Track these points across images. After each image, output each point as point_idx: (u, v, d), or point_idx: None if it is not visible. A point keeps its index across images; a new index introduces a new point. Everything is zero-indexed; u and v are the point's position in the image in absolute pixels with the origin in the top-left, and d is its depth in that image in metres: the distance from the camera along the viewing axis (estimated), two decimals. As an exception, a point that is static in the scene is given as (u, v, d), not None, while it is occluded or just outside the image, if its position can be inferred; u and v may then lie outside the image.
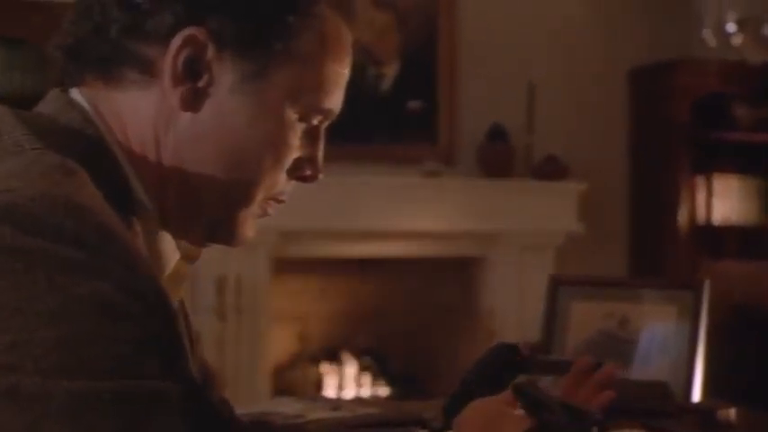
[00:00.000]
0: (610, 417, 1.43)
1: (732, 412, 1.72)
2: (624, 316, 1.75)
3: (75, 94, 1.05)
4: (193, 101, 1.05)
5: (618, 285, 1.86)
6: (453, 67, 5.87)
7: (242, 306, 5.22)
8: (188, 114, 1.06)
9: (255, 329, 5.29)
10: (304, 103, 1.15)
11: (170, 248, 1.10)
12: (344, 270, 5.83)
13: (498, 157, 5.85)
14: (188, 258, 1.16)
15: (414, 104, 5.82)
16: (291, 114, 1.14)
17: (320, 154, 1.22)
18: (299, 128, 1.19)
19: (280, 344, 5.63)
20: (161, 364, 0.89)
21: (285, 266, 5.48)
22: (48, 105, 1.04)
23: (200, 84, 1.05)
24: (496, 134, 5.86)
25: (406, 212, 5.55)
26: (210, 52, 1.04)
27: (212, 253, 5.14)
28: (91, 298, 0.84)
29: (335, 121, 1.21)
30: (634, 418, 1.62)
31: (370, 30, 5.75)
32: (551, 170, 5.90)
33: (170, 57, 1.03)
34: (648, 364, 1.72)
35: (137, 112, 1.05)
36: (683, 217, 6.08)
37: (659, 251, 6.14)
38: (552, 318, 1.77)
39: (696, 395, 1.72)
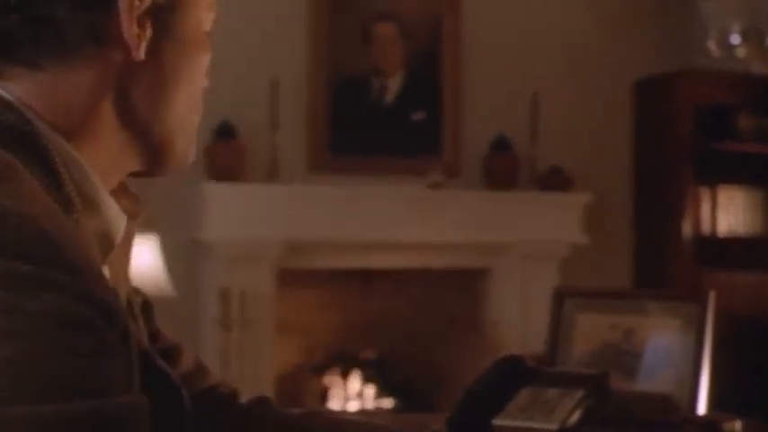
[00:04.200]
0: (613, 429, 1.43)
1: (737, 425, 1.71)
2: (629, 328, 1.75)
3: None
4: (155, 49, 1.04)
5: (622, 297, 1.86)
6: (457, 79, 5.88)
7: (246, 318, 5.22)
8: (151, 63, 1.04)
9: (260, 341, 5.29)
10: (204, 11, 1.12)
11: (116, 215, 1.05)
12: (349, 282, 5.83)
13: (503, 169, 5.86)
14: (131, 217, 1.09)
15: (418, 116, 5.82)
16: (207, 23, 1.13)
17: None
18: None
19: (284, 355, 5.62)
20: (124, 375, 0.87)
21: (289, 278, 5.48)
22: None
23: (153, 32, 1.04)
24: (501, 145, 5.86)
25: (410, 224, 5.55)
26: (147, 0, 1.03)
27: (217, 264, 5.14)
28: (43, 312, 0.79)
29: (340, 133, 1.20)
30: (639, 431, 1.62)
31: (374, 42, 5.76)
32: (556, 181, 5.90)
33: (126, 17, 1.01)
34: (653, 377, 1.72)
35: (84, 87, 1.01)
36: (687, 228, 6.07)
37: (664, 262, 6.13)
38: (557, 329, 1.77)
39: (701, 407, 1.71)
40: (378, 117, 5.73)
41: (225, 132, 5.27)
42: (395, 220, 5.52)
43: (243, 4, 5.40)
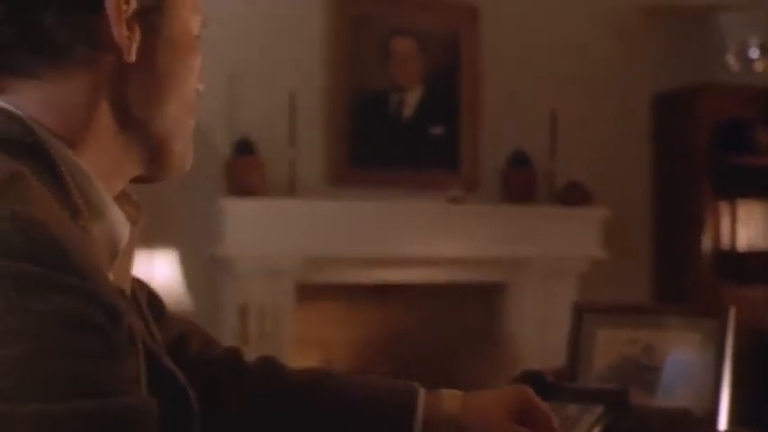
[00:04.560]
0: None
1: (757, 440, 1.71)
2: (648, 343, 1.74)
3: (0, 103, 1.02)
4: (146, 50, 1.06)
5: (642, 312, 1.86)
6: (475, 93, 5.89)
7: (265, 332, 5.23)
8: (142, 64, 1.06)
9: (278, 356, 5.23)
10: (190, 12, 1.12)
11: (121, 220, 1.06)
12: (368, 296, 5.83)
13: (521, 183, 5.86)
14: (133, 223, 1.10)
15: (436, 131, 5.83)
16: (194, 25, 1.14)
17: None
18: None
19: (303, 370, 5.62)
20: (130, 375, 0.89)
21: (308, 293, 5.49)
22: None
23: (141, 34, 1.05)
24: (519, 160, 5.86)
25: (428, 238, 5.56)
26: (134, 3, 1.04)
27: (236, 279, 5.15)
28: (51, 313, 0.81)
29: (359, 148, 1.22)
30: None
31: (393, 57, 5.78)
32: (574, 196, 5.90)
33: (115, 20, 1.02)
34: (673, 392, 1.72)
35: (80, 92, 1.03)
36: (706, 242, 6.06)
37: (683, 277, 6.11)
38: (576, 344, 1.77)
39: (721, 423, 1.71)
40: (396, 132, 5.74)
41: (244, 148, 5.28)
42: (413, 235, 5.53)
43: (262, 19, 5.42)
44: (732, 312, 1.73)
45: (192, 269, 4.96)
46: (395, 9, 5.76)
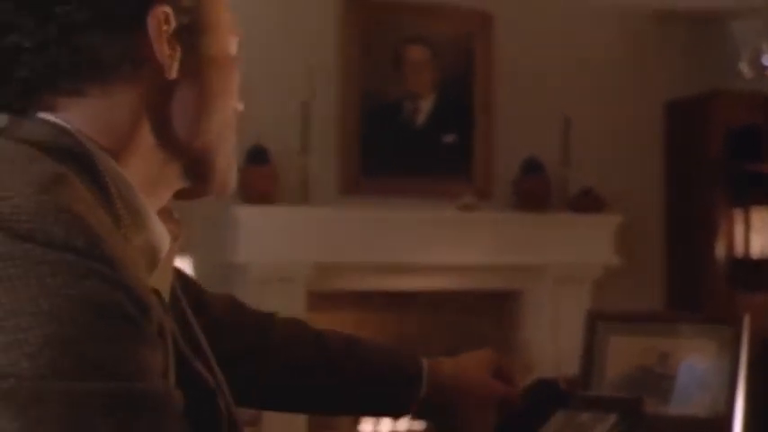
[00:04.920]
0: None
1: (773, 448, 1.70)
2: (663, 351, 1.74)
3: (49, 117, 1.07)
4: (186, 67, 1.11)
5: (656, 320, 1.85)
6: (488, 101, 5.89)
7: (278, 340, 5.22)
8: (183, 82, 1.11)
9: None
10: (227, 33, 1.20)
11: (161, 231, 1.11)
12: (380, 304, 5.83)
13: (534, 191, 5.85)
14: (173, 239, 1.15)
15: (449, 138, 5.83)
16: (232, 46, 1.21)
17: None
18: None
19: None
20: (156, 364, 0.93)
21: (321, 300, 5.49)
22: (26, 130, 1.05)
23: (182, 52, 1.10)
24: (532, 167, 5.86)
25: (441, 246, 5.56)
26: (174, 22, 1.09)
27: (249, 287, 5.15)
28: (82, 299, 0.87)
29: (371, 155, 1.26)
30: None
31: (405, 65, 5.78)
32: (587, 203, 5.89)
33: (156, 39, 1.08)
34: (687, 400, 1.71)
35: (124, 108, 1.08)
36: (720, 250, 6.04)
37: (696, 284, 6.10)
38: (590, 352, 1.76)
39: (736, 431, 1.70)
40: (409, 139, 5.74)
41: (257, 156, 5.29)
42: (426, 243, 5.53)
43: (275, 27, 5.43)
44: (747, 320, 1.73)
45: (205, 276, 4.96)
46: (408, 17, 5.76)
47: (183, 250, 1.30)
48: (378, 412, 1.65)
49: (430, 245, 5.53)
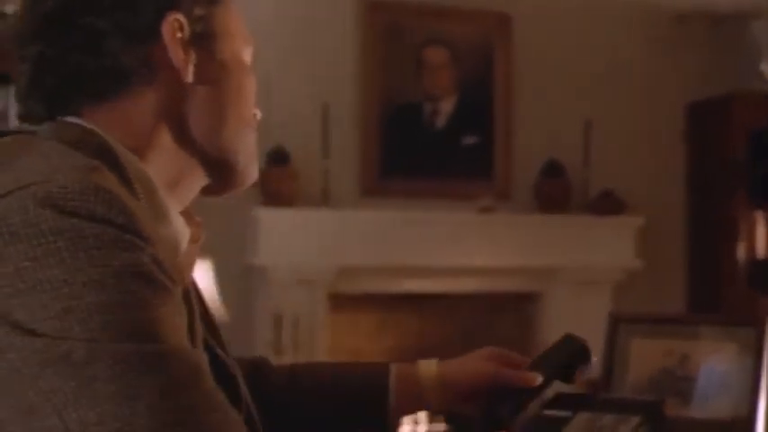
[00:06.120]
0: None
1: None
2: (684, 353, 1.74)
3: (76, 120, 1.16)
4: (202, 72, 1.20)
5: (678, 322, 1.85)
6: (508, 103, 5.88)
7: (299, 341, 5.23)
8: (199, 86, 1.20)
9: (312, 365, 5.29)
10: (241, 41, 1.27)
11: (181, 227, 1.20)
12: (400, 306, 5.82)
13: (554, 193, 5.84)
14: (193, 241, 1.25)
15: (469, 140, 5.83)
16: (246, 54, 1.28)
17: None
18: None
19: (336, 380, 5.62)
20: (182, 327, 1.04)
21: (341, 302, 5.50)
22: (58, 133, 1.14)
23: (197, 57, 1.19)
24: (552, 169, 5.85)
25: (461, 248, 5.55)
26: (187, 29, 1.18)
27: (270, 289, 5.14)
28: (126, 268, 0.96)
29: (392, 157, 1.30)
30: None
31: (426, 67, 5.78)
32: (608, 205, 5.87)
33: (171, 45, 1.16)
34: (709, 402, 1.71)
35: (145, 111, 1.17)
36: (741, 252, 6.01)
37: (718, 286, 6.07)
38: (612, 355, 1.76)
39: (759, 433, 1.70)
40: (429, 142, 5.74)
41: (278, 158, 5.30)
42: (446, 245, 5.52)
43: (295, 30, 5.44)
44: (769, 322, 1.72)
45: (226, 279, 4.98)
46: (427, 19, 5.76)
47: (203, 252, 1.34)
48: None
49: (450, 247, 5.53)
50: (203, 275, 4.79)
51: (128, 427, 0.91)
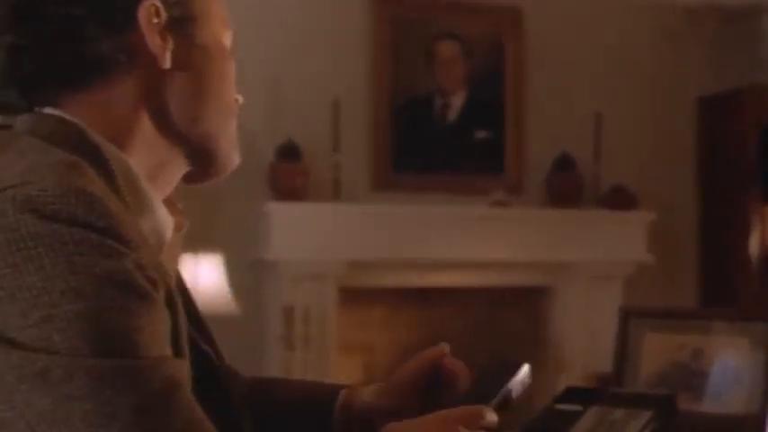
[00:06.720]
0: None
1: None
2: (697, 348, 1.73)
3: (54, 111, 1.14)
4: (180, 57, 1.17)
5: (690, 317, 1.84)
6: (520, 97, 5.87)
7: (309, 335, 5.24)
8: (178, 72, 1.17)
9: (322, 359, 5.30)
10: (220, 25, 1.24)
11: (164, 215, 1.17)
12: (411, 300, 5.82)
13: (566, 187, 5.83)
14: (177, 229, 1.21)
15: (480, 134, 5.82)
16: (225, 38, 1.25)
17: None
18: None
19: (346, 373, 5.63)
20: (165, 335, 1.01)
21: (352, 296, 5.50)
22: (35, 126, 1.12)
23: (175, 43, 1.16)
24: (564, 164, 5.84)
25: (473, 242, 5.55)
26: (164, 14, 1.16)
27: (280, 283, 5.14)
28: (107, 275, 0.94)
29: (403, 152, 1.28)
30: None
31: (436, 61, 5.78)
32: (619, 200, 5.87)
33: (148, 30, 1.14)
34: (722, 396, 1.70)
35: (124, 99, 1.15)
36: (753, 246, 6.00)
37: (730, 281, 6.06)
38: (624, 349, 1.76)
39: (771, 428, 1.69)
40: (440, 136, 5.73)
41: (288, 152, 5.30)
42: (457, 239, 5.52)
43: (306, 24, 5.44)
44: (781, 317, 1.72)
45: (236, 273, 4.98)
46: (438, 13, 5.76)
47: (214, 246, 1.33)
48: None
49: (461, 241, 5.52)
50: (214, 270, 4.79)
51: None
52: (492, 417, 1.20)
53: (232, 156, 1.26)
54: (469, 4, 5.81)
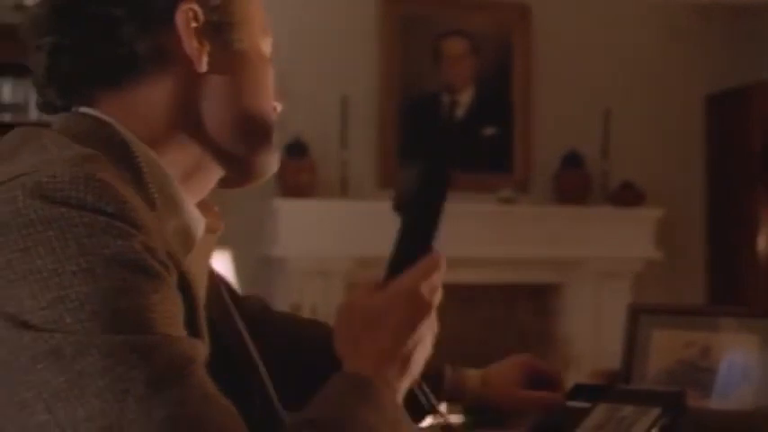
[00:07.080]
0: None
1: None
2: (705, 345, 1.73)
3: (90, 111, 1.15)
4: (216, 62, 1.17)
5: (698, 314, 1.84)
6: (528, 94, 5.87)
7: (317, 333, 5.24)
8: (214, 76, 1.18)
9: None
10: (259, 32, 1.25)
11: (196, 215, 1.18)
12: (419, 297, 5.82)
13: (574, 184, 5.83)
14: (211, 231, 1.24)
15: (488, 131, 5.82)
16: (264, 44, 1.26)
17: None
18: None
19: (355, 371, 5.63)
20: (178, 315, 1.01)
21: (360, 293, 5.49)
22: (69, 124, 1.14)
23: (212, 47, 1.17)
24: (572, 160, 5.84)
25: (481, 239, 5.55)
26: (202, 18, 1.16)
27: (288, 280, 5.15)
28: (117, 256, 0.95)
29: (410, 149, 1.28)
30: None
31: (444, 58, 5.77)
32: (628, 196, 5.86)
33: (185, 33, 1.15)
34: (730, 394, 1.70)
35: (158, 101, 1.16)
36: (761, 243, 5.99)
37: (738, 278, 6.05)
38: (632, 346, 1.76)
39: (780, 425, 1.69)
40: (448, 132, 5.73)
41: (296, 149, 5.31)
42: (466, 236, 5.52)
43: (314, 21, 5.44)
44: (790, 313, 1.71)
45: (244, 269, 4.99)
46: (446, 10, 5.75)
47: (222, 243, 1.33)
48: None
49: (469, 238, 5.52)
50: (221, 266, 4.80)
51: (117, 422, 0.90)
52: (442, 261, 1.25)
53: (268, 163, 1.26)
54: (477, 1, 5.82)
